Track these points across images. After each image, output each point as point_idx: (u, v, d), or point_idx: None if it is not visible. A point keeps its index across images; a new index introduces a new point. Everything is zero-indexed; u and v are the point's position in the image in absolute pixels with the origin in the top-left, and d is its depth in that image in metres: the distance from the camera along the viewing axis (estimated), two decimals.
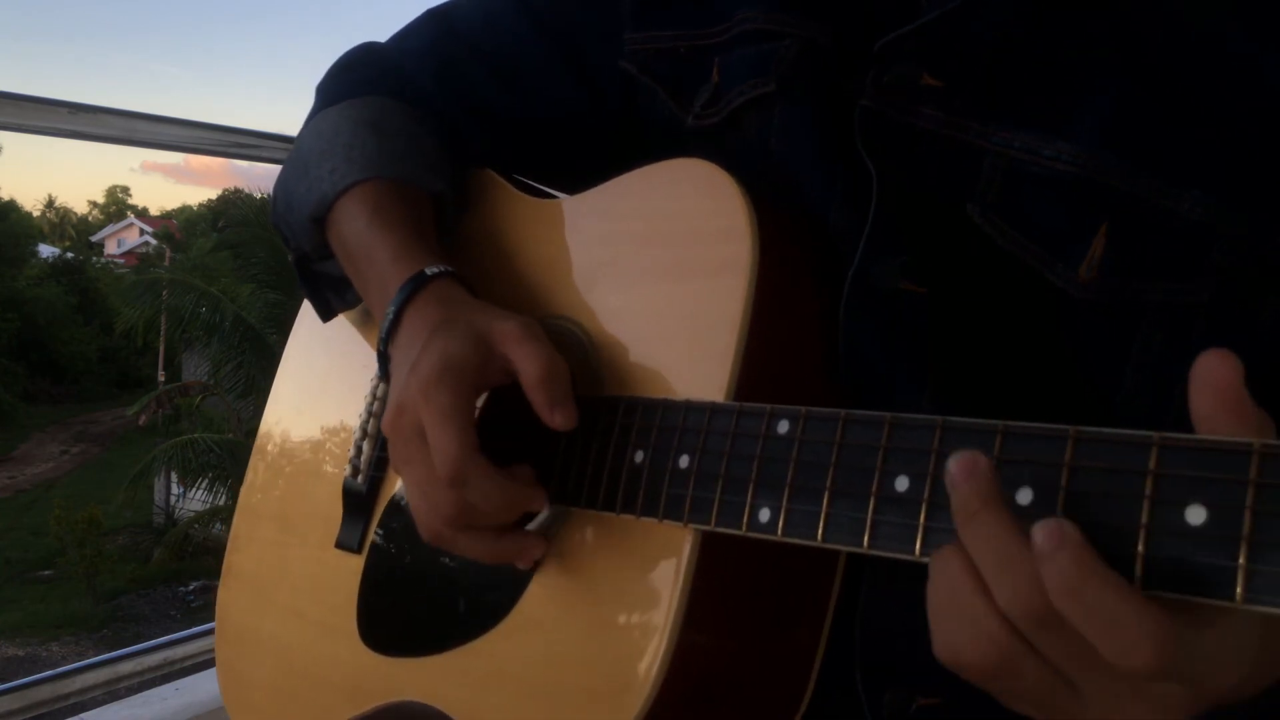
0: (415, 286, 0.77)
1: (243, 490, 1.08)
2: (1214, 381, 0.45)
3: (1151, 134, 0.63)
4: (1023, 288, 0.66)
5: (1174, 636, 0.43)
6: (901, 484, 0.53)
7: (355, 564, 0.90)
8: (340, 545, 0.92)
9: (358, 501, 0.92)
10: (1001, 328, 0.67)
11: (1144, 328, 0.64)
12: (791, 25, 0.76)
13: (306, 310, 1.03)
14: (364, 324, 0.99)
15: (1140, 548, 0.45)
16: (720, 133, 0.80)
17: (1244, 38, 0.62)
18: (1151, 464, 0.45)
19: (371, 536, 0.90)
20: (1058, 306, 0.65)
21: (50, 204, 53.73)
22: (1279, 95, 0.61)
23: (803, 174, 0.74)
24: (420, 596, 0.84)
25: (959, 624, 0.49)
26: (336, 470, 0.96)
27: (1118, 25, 0.65)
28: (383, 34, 1.02)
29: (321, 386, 1.03)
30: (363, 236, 0.83)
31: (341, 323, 0.99)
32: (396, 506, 0.89)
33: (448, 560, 0.81)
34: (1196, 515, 0.44)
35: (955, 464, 0.48)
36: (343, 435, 0.97)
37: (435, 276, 0.77)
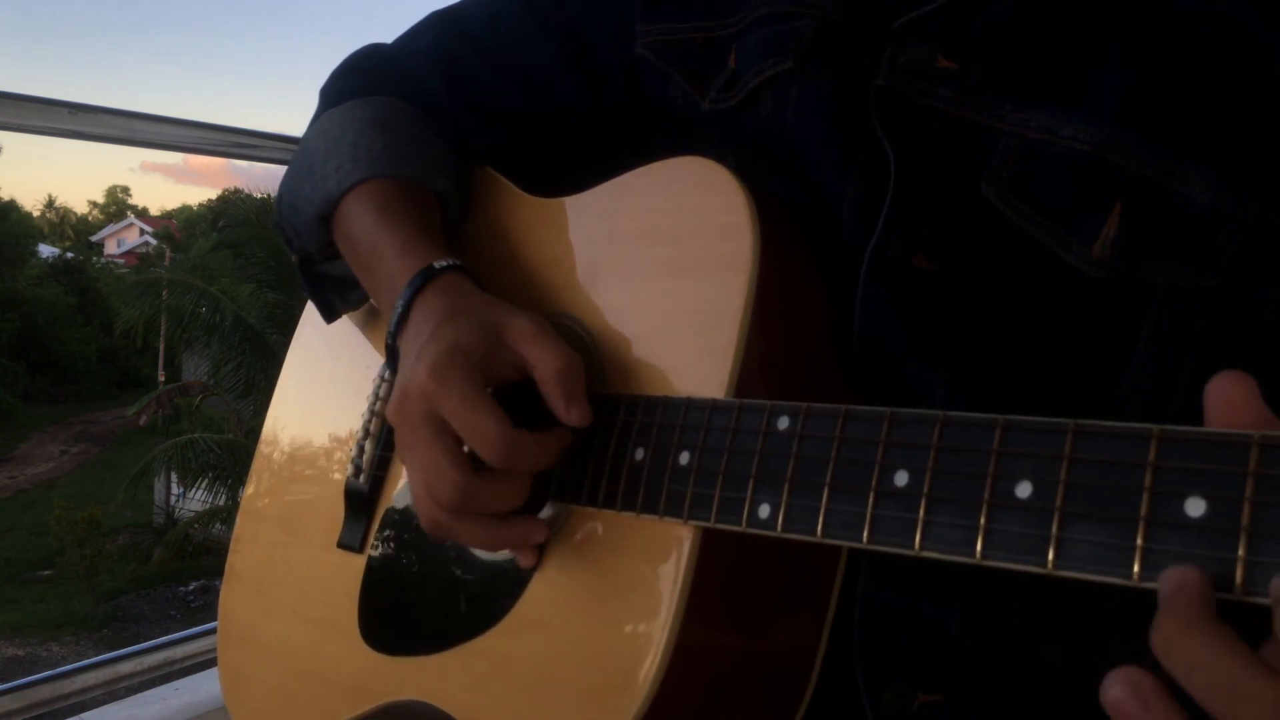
0: (424, 280, 0.77)
1: (245, 491, 1.08)
2: (1226, 403, 0.45)
3: (1163, 114, 0.63)
4: (1034, 267, 0.66)
5: None
6: (901, 479, 0.53)
7: (357, 564, 0.90)
8: (342, 545, 0.92)
9: (360, 501, 0.91)
10: (1012, 307, 0.67)
11: (1153, 310, 0.64)
12: (808, 5, 0.77)
13: (310, 311, 1.03)
14: (367, 324, 0.99)
15: (1140, 540, 0.44)
16: (737, 115, 0.81)
17: (1258, 20, 0.62)
18: (1151, 456, 0.45)
19: (373, 536, 0.90)
20: (1069, 287, 0.65)
21: (50, 204, 53.74)
22: None
23: (819, 152, 0.75)
24: (421, 596, 0.84)
25: None
26: (339, 471, 0.96)
27: (1132, 5, 0.65)
28: (384, 35, 1.02)
29: (325, 387, 1.03)
30: (370, 233, 0.83)
31: (345, 324, 0.99)
32: (398, 507, 0.89)
33: (449, 559, 0.81)
34: (1196, 507, 0.43)
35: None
36: (346, 436, 0.97)
37: (444, 270, 0.77)
